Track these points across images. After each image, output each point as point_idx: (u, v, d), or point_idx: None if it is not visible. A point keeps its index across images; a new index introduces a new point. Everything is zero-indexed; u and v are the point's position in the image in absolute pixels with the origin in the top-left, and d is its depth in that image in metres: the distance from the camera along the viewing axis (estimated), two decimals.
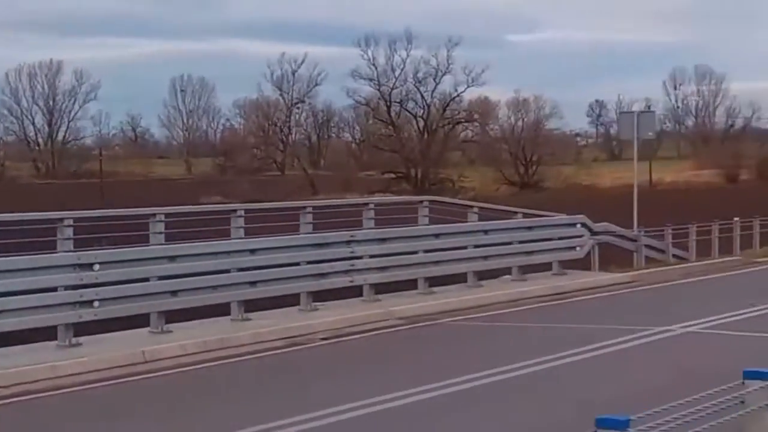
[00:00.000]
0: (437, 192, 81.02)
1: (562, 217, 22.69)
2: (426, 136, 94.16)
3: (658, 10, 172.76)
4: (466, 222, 20.72)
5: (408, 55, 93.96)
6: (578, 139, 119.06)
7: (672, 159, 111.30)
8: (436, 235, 19.21)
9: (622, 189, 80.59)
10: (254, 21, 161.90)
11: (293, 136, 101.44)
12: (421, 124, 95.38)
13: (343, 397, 10.99)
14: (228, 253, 15.27)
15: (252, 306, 15.94)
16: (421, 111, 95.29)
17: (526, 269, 21.44)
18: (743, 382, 6.72)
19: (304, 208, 17.53)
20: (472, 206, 21.69)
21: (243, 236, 16.02)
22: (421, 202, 20.44)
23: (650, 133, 27.48)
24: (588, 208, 34.73)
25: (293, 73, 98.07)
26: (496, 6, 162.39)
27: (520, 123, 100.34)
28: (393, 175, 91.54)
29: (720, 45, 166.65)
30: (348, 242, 17.16)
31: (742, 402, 6.67)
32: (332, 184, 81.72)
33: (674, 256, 25.95)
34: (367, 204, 18.82)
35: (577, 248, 22.34)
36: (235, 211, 16.35)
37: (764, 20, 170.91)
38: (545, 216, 22.64)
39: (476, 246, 19.97)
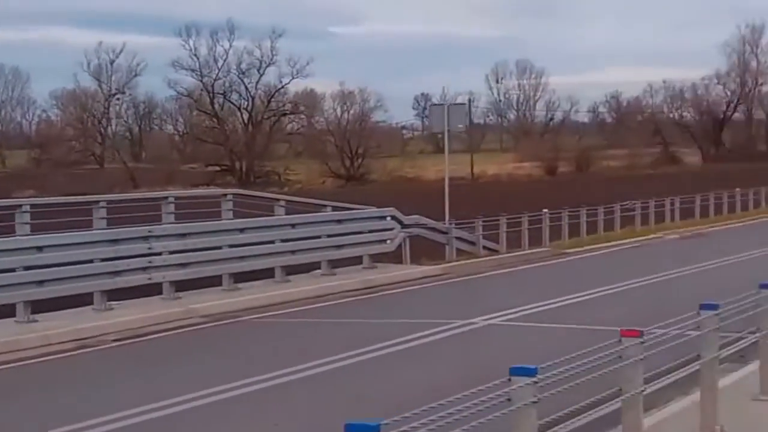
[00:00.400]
0: (263, 185, 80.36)
1: (372, 210, 22.55)
2: (251, 128, 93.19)
3: (482, 5, 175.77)
4: (273, 216, 20.35)
5: (231, 46, 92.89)
6: (404, 131, 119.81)
7: (495, 151, 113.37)
8: (241, 230, 18.78)
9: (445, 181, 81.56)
10: (70, 9, 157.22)
11: (113, 128, 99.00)
12: (246, 116, 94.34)
13: (131, 401, 10.54)
14: (12, 251, 14.49)
15: (43, 306, 15.20)
16: (246, 103, 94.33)
17: (337, 263, 21.23)
18: (509, 379, 6.53)
19: (97, 202, 16.82)
20: (278, 199, 21.33)
21: (29, 233, 15.24)
22: (225, 195, 19.95)
23: (460, 126, 27.59)
24: (411, 200, 34.93)
25: (111, 63, 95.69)
26: None
27: (345, 115, 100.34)
28: (217, 168, 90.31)
29: (540, 40, 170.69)
30: (145, 238, 16.57)
31: (509, 399, 6.48)
32: (154, 177, 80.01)
33: (485, 248, 26.12)
34: (166, 198, 18.22)
35: (388, 241, 22.26)
36: (20, 206, 15.56)
37: (582, 16, 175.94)
38: (355, 209, 22.45)
39: (283, 240, 19.65)
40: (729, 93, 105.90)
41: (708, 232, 33.70)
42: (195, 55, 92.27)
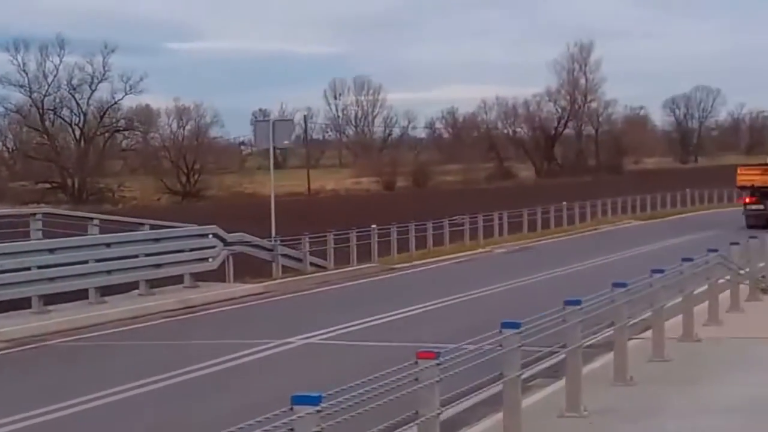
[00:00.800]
0: (96, 202, 78.38)
1: (193, 228, 21.99)
2: (83, 144, 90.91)
3: (319, 22, 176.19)
4: (87, 235, 19.61)
5: (61, 62, 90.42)
6: (243, 147, 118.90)
7: (334, 167, 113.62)
8: (51, 250, 18.03)
9: (283, 197, 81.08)
10: None
11: None
12: (78, 132, 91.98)
13: None
14: None
15: None
16: (78, 119, 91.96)
17: (158, 282, 20.62)
18: (292, 408, 6.18)
19: None
20: (92, 218, 20.60)
21: None
22: (33, 214, 19.13)
23: (286, 142, 27.24)
24: (248, 216, 34.37)
25: None
26: (155, 14, 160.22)
27: (182, 131, 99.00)
28: (48, 185, 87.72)
29: (377, 57, 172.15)
30: None
31: (292, 430, 6.13)
32: None
33: (312, 264, 25.78)
34: None
35: (210, 259, 21.74)
36: None
37: (417, 34, 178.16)
38: (175, 227, 21.85)
39: (98, 260, 18.97)
40: (560, 110, 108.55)
41: (535, 245, 34.16)
42: (24, 70, 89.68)
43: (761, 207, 37.90)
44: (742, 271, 16.95)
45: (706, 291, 15.43)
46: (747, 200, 38.89)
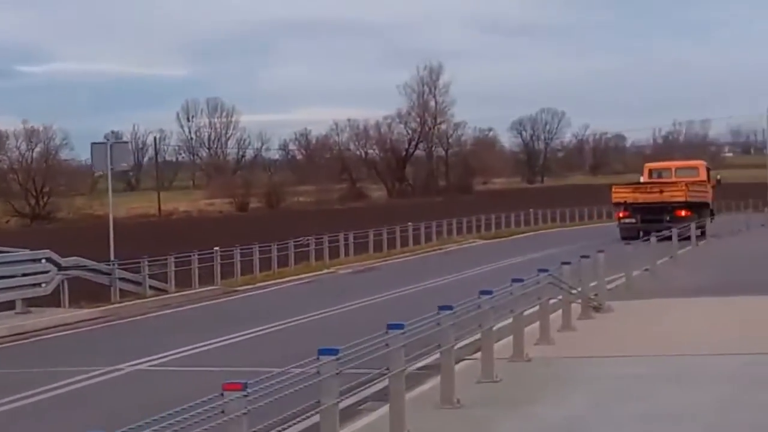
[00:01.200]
0: None
1: (25, 253, 21.38)
2: None
3: (174, 44, 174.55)
4: None
5: None
6: (95, 169, 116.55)
7: (187, 188, 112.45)
8: None
9: (135, 219, 79.73)
10: None
11: None
12: None
13: None
14: None
15: None
16: None
17: None
18: None
19: None
20: None
21: None
22: None
23: (124, 164, 26.76)
24: (95, 239, 33.55)
25: None
26: (6, 36, 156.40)
27: (31, 154, 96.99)
28: None
29: (230, 79, 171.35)
30: None
31: None
32: None
33: (153, 287, 25.27)
34: None
35: (43, 284, 21.12)
36: None
37: (271, 57, 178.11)
38: (5, 252, 21.17)
39: None
40: (410, 131, 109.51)
41: (380, 265, 34.22)
42: None
43: (633, 220, 42.16)
44: (574, 291, 17.16)
45: (538, 311, 15.55)
46: (621, 215, 43.22)
